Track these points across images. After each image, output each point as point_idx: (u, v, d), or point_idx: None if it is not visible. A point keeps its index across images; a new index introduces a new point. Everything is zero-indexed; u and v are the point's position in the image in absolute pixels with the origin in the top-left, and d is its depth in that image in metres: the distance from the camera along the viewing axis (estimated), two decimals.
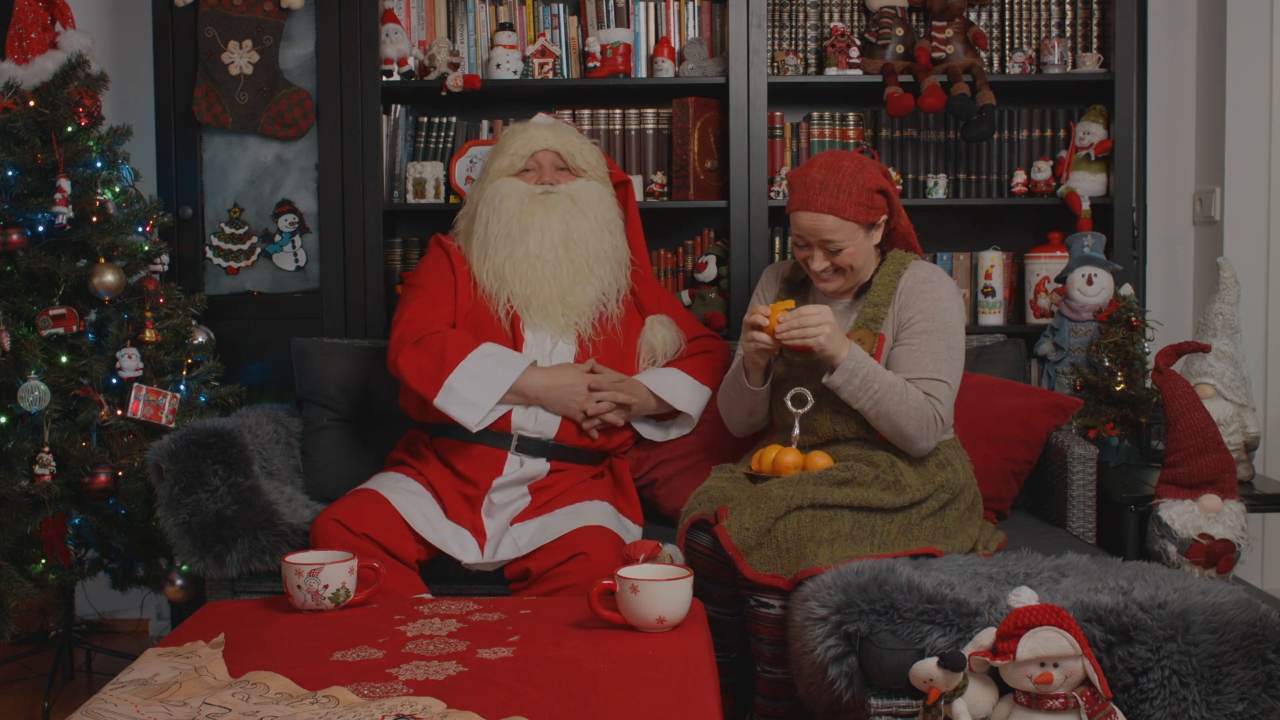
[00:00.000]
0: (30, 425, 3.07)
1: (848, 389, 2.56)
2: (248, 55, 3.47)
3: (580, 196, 2.99)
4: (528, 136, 3.03)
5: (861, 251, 2.67)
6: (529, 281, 2.92)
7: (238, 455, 2.73)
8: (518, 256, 2.92)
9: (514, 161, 3.01)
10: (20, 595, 3.03)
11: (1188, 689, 2.11)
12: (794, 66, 3.55)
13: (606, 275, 2.98)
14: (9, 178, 3.12)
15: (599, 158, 3.10)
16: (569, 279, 2.93)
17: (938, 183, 3.58)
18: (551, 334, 2.93)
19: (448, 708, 1.80)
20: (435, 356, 2.80)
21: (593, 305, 2.96)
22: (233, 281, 3.54)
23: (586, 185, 3.02)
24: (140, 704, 1.85)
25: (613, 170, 3.15)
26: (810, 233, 2.64)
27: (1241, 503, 2.79)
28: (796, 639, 2.28)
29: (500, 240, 2.94)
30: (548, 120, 3.16)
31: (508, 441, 2.87)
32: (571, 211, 2.96)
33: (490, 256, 2.95)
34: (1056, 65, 3.54)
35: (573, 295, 2.94)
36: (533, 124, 3.10)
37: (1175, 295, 3.84)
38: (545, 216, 2.95)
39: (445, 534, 2.74)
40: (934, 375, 2.59)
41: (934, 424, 2.58)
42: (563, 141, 3.03)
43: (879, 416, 2.56)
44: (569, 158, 3.02)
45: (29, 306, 3.11)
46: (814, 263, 2.68)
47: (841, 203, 2.60)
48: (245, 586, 2.75)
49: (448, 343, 2.82)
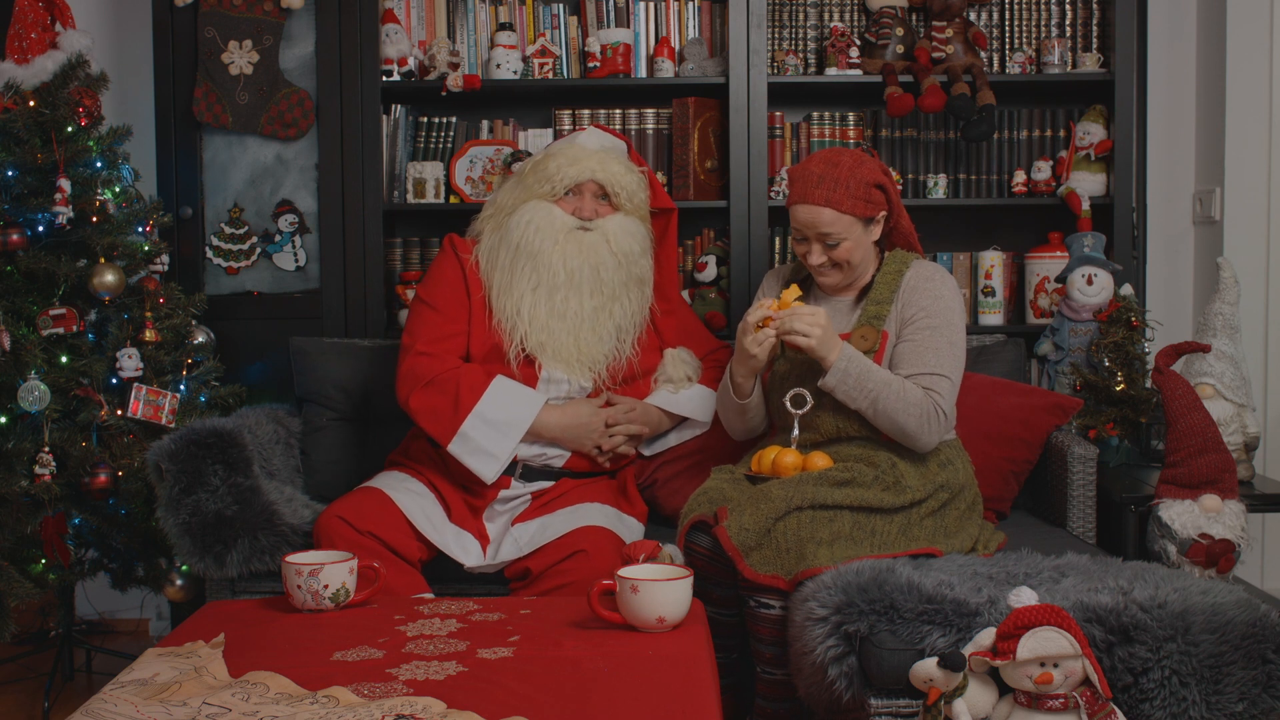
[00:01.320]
0: (30, 425, 3.07)
1: (841, 390, 2.56)
2: (248, 55, 3.47)
3: (616, 237, 2.89)
4: (578, 166, 2.88)
5: (859, 247, 2.68)
6: (548, 331, 2.85)
7: (238, 455, 2.73)
8: (540, 304, 2.84)
9: (555, 189, 2.89)
10: (20, 595, 3.03)
11: (1188, 689, 2.11)
12: (794, 66, 3.55)
13: (628, 317, 2.92)
14: (9, 178, 3.12)
15: (644, 191, 2.97)
16: (589, 332, 2.86)
17: (938, 183, 3.58)
18: (568, 375, 2.88)
19: (448, 708, 1.80)
20: (450, 397, 2.77)
21: (610, 352, 2.90)
22: (233, 281, 3.54)
23: (624, 223, 2.91)
24: (140, 704, 1.85)
25: (659, 195, 3.05)
26: (808, 226, 2.65)
27: (1241, 503, 2.79)
28: (796, 639, 2.28)
29: (524, 276, 2.85)
30: (599, 141, 2.99)
31: (513, 469, 2.87)
32: (604, 253, 2.87)
33: (512, 291, 2.86)
34: (1056, 65, 3.54)
35: (590, 346, 2.87)
36: (582, 145, 2.94)
37: (1175, 295, 3.84)
38: (577, 260, 2.85)
39: (447, 536, 2.75)
40: (935, 370, 2.60)
41: (935, 418, 2.58)
42: (611, 175, 2.89)
43: (877, 415, 2.57)
44: (613, 194, 2.91)
45: (29, 306, 3.11)
46: (811, 257, 2.69)
47: (839, 196, 2.61)
48: (245, 586, 2.74)
49: (461, 384, 2.78)
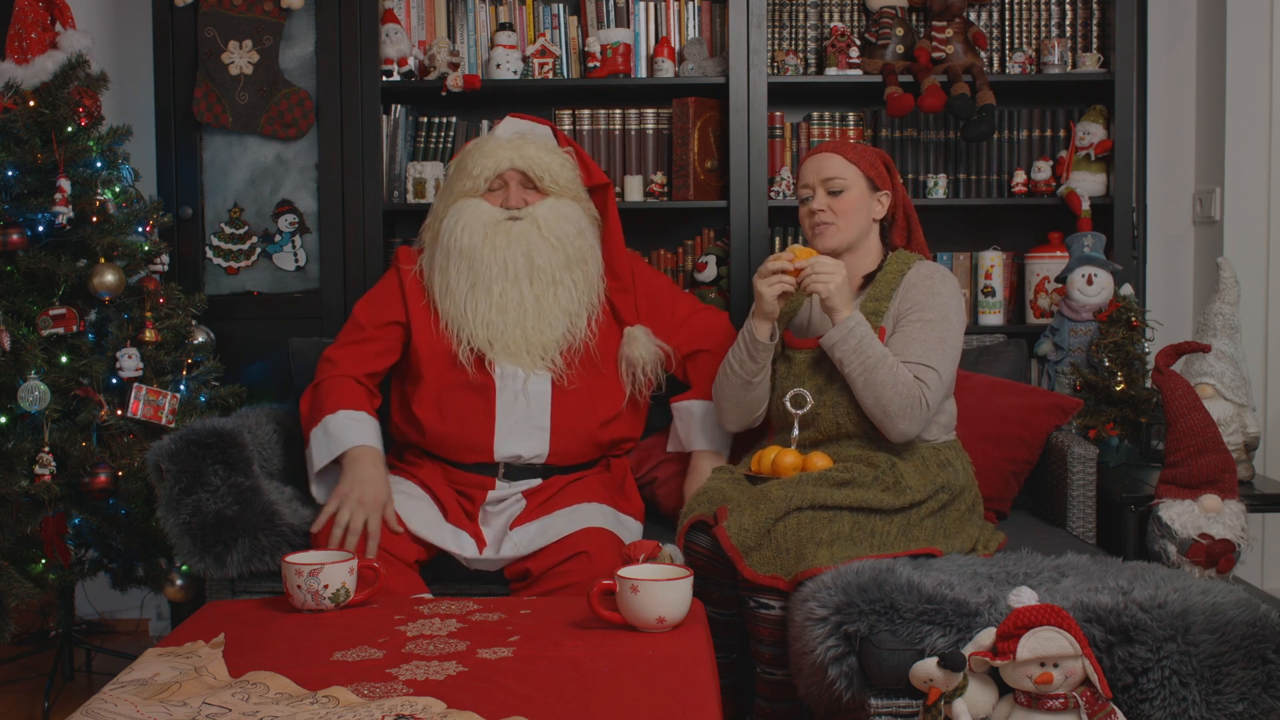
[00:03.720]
0: (30, 425, 3.07)
1: (842, 348, 2.56)
2: (248, 55, 3.47)
3: (546, 221, 2.86)
4: (493, 158, 2.88)
5: (861, 209, 2.70)
6: (492, 326, 2.83)
7: (238, 455, 2.73)
8: (479, 300, 2.83)
9: (477, 184, 2.88)
10: (20, 595, 3.03)
11: (1188, 689, 2.11)
12: (794, 66, 3.55)
13: (575, 300, 2.88)
14: (9, 178, 3.12)
15: (571, 170, 2.94)
16: (533, 320, 2.83)
17: (938, 183, 3.58)
18: (523, 368, 2.85)
19: (448, 708, 1.80)
20: (315, 406, 2.87)
21: (561, 338, 2.86)
22: (233, 281, 3.54)
23: (555, 205, 2.89)
24: (140, 704, 1.85)
25: (592, 172, 3.01)
26: (815, 171, 2.71)
27: (1241, 503, 2.79)
28: (796, 639, 2.28)
29: (461, 276, 2.84)
30: (515, 129, 2.98)
31: (494, 470, 2.87)
32: (535, 239, 2.85)
33: (452, 293, 2.85)
34: (1056, 65, 3.54)
35: (539, 334, 2.84)
36: (497, 138, 2.94)
37: (1175, 295, 3.84)
38: (509, 250, 2.83)
39: (444, 535, 2.75)
40: (924, 361, 2.59)
41: (919, 406, 2.57)
42: (529, 161, 2.88)
43: (865, 385, 2.55)
44: (536, 179, 2.88)
45: (29, 306, 3.11)
46: (814, 203, 2.70)
47: (847, 149, 2.73)
48: (245, 586, 2.74)
49: (324, 397, 2.86)
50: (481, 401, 2.85)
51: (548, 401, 2.87)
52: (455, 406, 2.86)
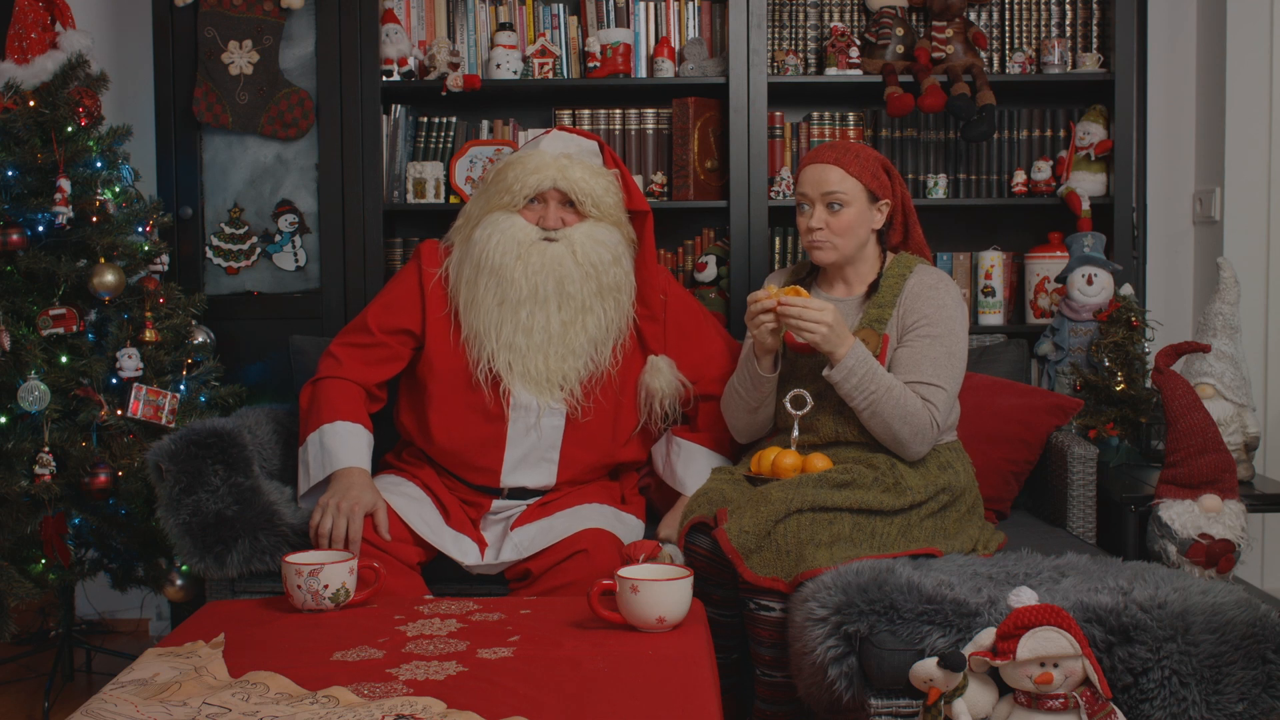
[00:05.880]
0: (30, 425, 3.07)
1: (845, 386, 2.55)
2: (248, 55, 3.47)
3: (582, 246, 2.77)
4: (537, 175, 2.77)
5: (860, 223, 2.69)
6: (515, 349, 2.76)
7: (238, 455, 2.73)
8: (505, 320, 2.75)
9: (515, 199, 2.79)
10: (20, 595, 3.03)
11: (1188, 689, 2.11)
12: (794, 66, 3.55)
13: (603, 328, 2.80)
14: (9, 178, 3.11)
15: (614, 195, 2.84)
16: (558, 348, 2.76)
17: (938, 183, 3.58)
18: (538, 399, 2.78)
19: (448, 708, 1.80)
20: (314, 407, 2.82)
21: (583, 367, 2.79)
22: (233, 281, 3.54)
23: (592, 230, 2.80)
24: (140, 704, 1.85)
25: (634, 197, 2.90)
26: (814, 184, 2.66)
27: (1241, 503, 2.79)
28: (796, 639, 2.28)
29: (489, 292, 2.76)
30: (561, 145, 2.86)
31: (498, 493, 2.85)
32: (569, 265, 2.76)
33: (478, 308, 2.77)
34: (1056, 65, 3.54)
35: (560, 362, 2.77)
36: (544, 153, 2.82)
37: (1175, 295, 3.84)
38: (541, 274, 2.74)
39: (445, 538, 2.74)
40: (932, 380, 2.59)
41: (929, 430, 2.58)
42: (572, 183, 2.77)
43: (873, 417, 2.56)
44: (578, 202, 2.79)
45: (29, 306, 3.11)
46: (812, 220, 2.68)
47: (848, 160, 2.67)
48: (245, 586, 2.74)
49: (323, 401, 2.80)
50: (492, 429, 2.80)
51: (560, 436, 2.82)
52: (464, 428, 2.81)
